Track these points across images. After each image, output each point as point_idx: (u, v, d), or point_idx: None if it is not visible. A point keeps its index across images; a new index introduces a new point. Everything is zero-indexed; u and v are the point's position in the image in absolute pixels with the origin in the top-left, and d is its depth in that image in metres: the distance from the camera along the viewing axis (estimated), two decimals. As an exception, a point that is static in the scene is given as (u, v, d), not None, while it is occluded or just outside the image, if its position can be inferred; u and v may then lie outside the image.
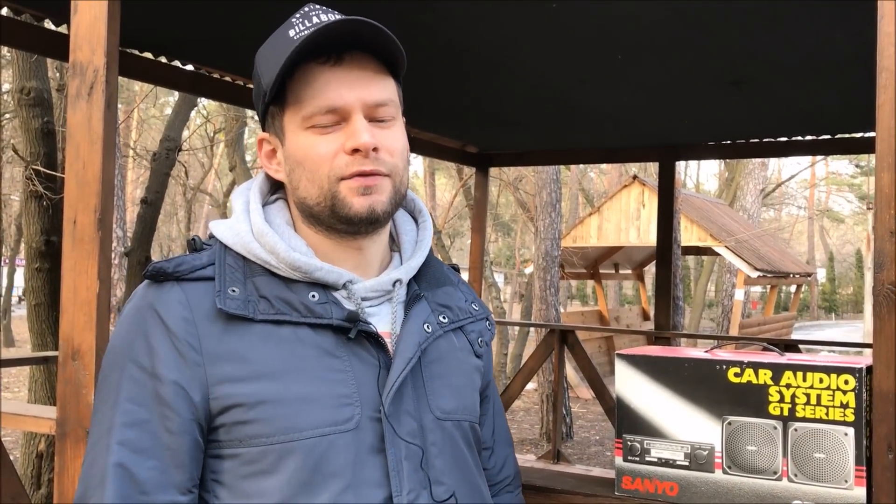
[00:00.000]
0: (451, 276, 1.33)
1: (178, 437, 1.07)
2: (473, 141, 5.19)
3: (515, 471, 1.44)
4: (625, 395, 1.62)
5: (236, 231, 1.16)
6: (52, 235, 5.45)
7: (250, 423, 1.07)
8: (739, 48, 2.79)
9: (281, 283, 1.13)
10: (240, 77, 3.52)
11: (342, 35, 1.12)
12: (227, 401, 1.08)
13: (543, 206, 9.70)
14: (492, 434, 1.39)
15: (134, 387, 1.08)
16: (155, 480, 1.06)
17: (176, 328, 1.08)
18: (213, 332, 1.09)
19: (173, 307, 1.10)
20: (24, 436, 5.60)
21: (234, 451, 1.09)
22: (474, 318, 1.30)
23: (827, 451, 1.45)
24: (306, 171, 1.15)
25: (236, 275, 1.12)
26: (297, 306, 1.12)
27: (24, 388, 10.74)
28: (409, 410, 1.14)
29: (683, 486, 1.57)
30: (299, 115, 1.15)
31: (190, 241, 1.19)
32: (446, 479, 1.16)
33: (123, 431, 1.07)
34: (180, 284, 1.11)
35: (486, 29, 2.66)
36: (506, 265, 32.31)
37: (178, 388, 1.07)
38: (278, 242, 1.13)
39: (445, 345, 1.23)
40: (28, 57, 5.43)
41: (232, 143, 13.65)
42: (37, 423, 2.02)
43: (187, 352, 1.08)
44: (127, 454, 1.06)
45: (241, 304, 1.10)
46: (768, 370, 1.50)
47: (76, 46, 1.62)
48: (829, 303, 42.05)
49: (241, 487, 1.09)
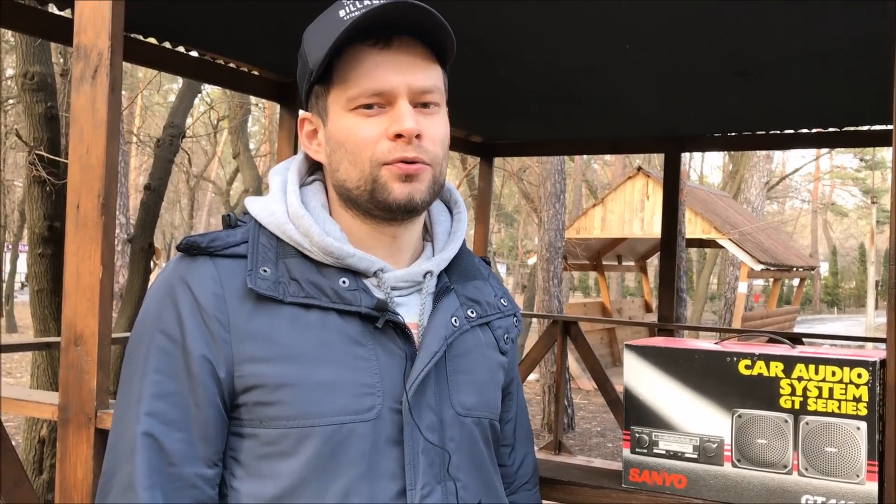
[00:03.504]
0: (483, 270, 1.31)
1: (205, 411, 1.07)
2: (478, 130, 5.16)
3: (534, 469, 1.43)
4: (633, 386, 1.61)
5: (271, 210, 1.15)
6: (56, 221, 5.44)
7: (271, 405, 1.07)
8: (747, 39, 2.76)
9: (312, 267, 1.12)
10: (244, 63, 3.50)
11: (392, 18, 1.10)
12: (250, 380, 1.07)
13: (547, 197, 9.68)
14: (513, 432, 1.37)
15: (163, 358, 1.08)
16: (182, 452, 1.06)
17: (206, 303, 1.08)
18: (243, 310, 1.08)
19: (205, 282, 1.09)
20: (27, 421, 5.60)
21: (254, 430, 1.08)
22: (502, 314, 1.29)
23: (839, 445, 1.43)
24: (348, 154, 1.14)
25: (269, 255, 1.12)
26: (326, 291, 1.11)
27: (27, 373, 10.76)
28: (431, 404, 1.13)
29: (692, 478, 1.55)
30: (344, 96, 1.13)
31: (225, 217, 1.18)
32: (462, 475, 1.15)
33: (152, 402, 1.07)
34: (213, 260, 1.11)
35: (493, 18, 2.64)
36: (509, 256, 32.31)
37: (205, 361, 1.07)
38: (313, 226, 1.12)
39: (472, 340, 1.21)
40: (32, 41, 5.40)
41: (236, 131, 13.63)
42: (39, 408, 2.01)
43: (216, 327, 1.08)
44: (156, 424, 1.06)
45: (272, 284, 1.09)
46: (780, 363, 1.48)
47: (80, 29, 1.60)
48: (832, 297, 42.05)
49: (258, 467, 1.08)
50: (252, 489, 1.08)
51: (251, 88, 3.87)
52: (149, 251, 6.84)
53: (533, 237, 22.09)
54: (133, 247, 6.90)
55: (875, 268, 23.12)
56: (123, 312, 6.53)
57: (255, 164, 14.36)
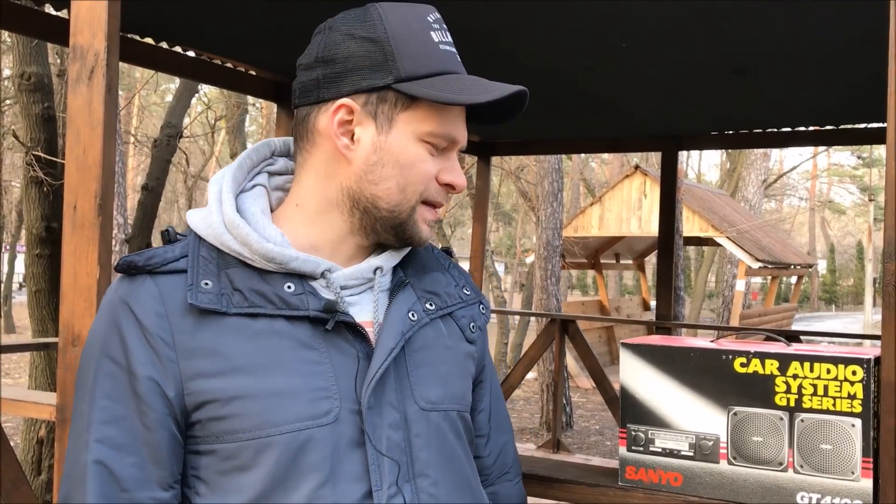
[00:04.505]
0: (441, 261, 1.29)
1: (155, 433, 1.05)
2: (475, 129, 5.16)
3: (514, 459, 1.39)
4: (629, 384, 1.61)
5: (209, 222, 1.12)
6: (53, 221, 5.44)
7: (225, 419, 1.05)
8: (743, 37, 2.77)
9: (255, 275, 1.10)
10: (241, 63, 3.50)
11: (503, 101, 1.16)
12: (201, 396, 1.06)
13: (545, 196, 9.68)
14: (488, 421, 1.34)
15: (109, 382, 1.07)
16: (135, 477, 1.05)
17: (148, 323, 1.06)
18: (186, 326, 1.06)
19: (145, 301, 1.07)
20: (25, 422, 5.60)
21: (211, 446, 1.07)
22: (465, 304, 1.27)
23: (834, 442, 1.44)
24: (402, 177, 1.13)
25: (210, 267, 1.09)
26: (271, 298, 1.09)
27: (25, 374, 10.75)
28: (392, 402, 1.11)
29: (688, 476, 1.56)
30: (424, 126, 1.13)
31: (164, 233, 1.16)
32: (431, 471, 1.13)
33: (101, 428, 1.05)
34: (153, 278, 1.09)
35: (490, 16, 2.64)
36: (507, 254, 32.31)
37: (152, 383, 1.05)
38: (251, 234, 1.09)
39: (432, 332, 1.20)
40: (28, 42, 5.40)
41: (233, 131, 13.62)
42: (37, 409, 2.01)
43: (160, 347, 1.06)
44: (105, 451, 1.05)
45: (214, 297, 1.07)
46: (775, 360, 1.48)
47: (76, 30, 1.60)
48: (830, 294, 42.09)
49: (220, 483, 1.07)
50: None
51: (248, 88, 3.86)
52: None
53: (531, 236, 22.10)
54: (131, 247, 6.90)
55: (873, 265, 23.16)
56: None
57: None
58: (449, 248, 1.37)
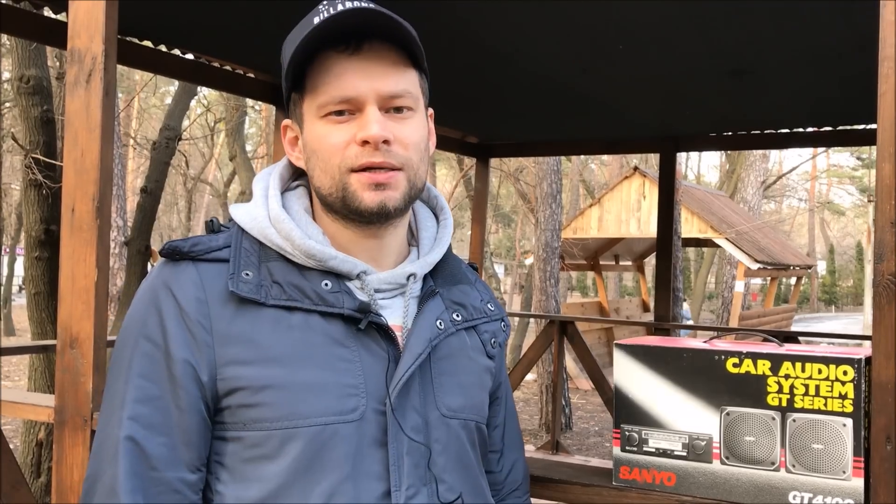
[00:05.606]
0: (469, 275, 1.32)
1: (187, 415, 1.08)
2: (474, 131, 5.18)
3: (524, 476, 1.42)
4: (623, 384, 1.62)
5: (253, 216, 1.17)
6: (52, 224, 5.45)
7: (255, 407, 1.08)
8: (740, 38, 2.78)
9: (295, 270, 1.13)
10: (240, 66, 3.52)
11: (359, 24, 1.11)
12: (233, 383, 1.08)
13: (544, 197, 9.69)
14: (502, 437, 1.37)
15: (146, 363, 1.09)
16: (165, 457, 1.07)
17: (188, 307, 1.09)
18: (225, 313, 1.09)
19: (187, 286, 1.10)
20: (24, 424, 5.61)
21: (238, 433, 1.09)
22: (489, 319, 1.29)
23: (825, 441, 1.45)
24: (320, 161, 1.15)
25: (251, 259, 1.13)
26: (308, 293, 1.12)
27: (24, 376, 10.75)
28: (415, 406, 1.14)
29: (681, 476, 1.57)
30: (315, 103, 1.14)
31: (208, 223, 1.20)
32: (448, 476, 1.15)
33: (135, 407, 1.08)
34: (195, 264, 1.12)
35: (488, 18, 2.65)
36: (506, 256, 32.31)
37: (188, 366, 1.08)
38: (294, 229, 1.13)
39: (457, 343, 1.22)
40: (27, 45, 5.41)
41: (232, 133, 13.63)
42: (35, 411, 2.02)
43: (198, 331, 1.08)
44: (138, 429, 1.07)
45: (254, 287, 1.10)
46: (767, 360, 1.49)
47: (74, 34, 1.61)
48: (830, 295, 42.07)
49: (242, 471, 1.09)
50: (236, 493, 1.09)
51: (247, 91, 3.88)
52: (146, 254, 6.86)
53: (530, 237, 22.09)
54: (130, 249, 6.91)
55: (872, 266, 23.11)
56: (121, 315, 6.54)
57: (251, 166, 14.36)
58: (475, 265, 1.39)
